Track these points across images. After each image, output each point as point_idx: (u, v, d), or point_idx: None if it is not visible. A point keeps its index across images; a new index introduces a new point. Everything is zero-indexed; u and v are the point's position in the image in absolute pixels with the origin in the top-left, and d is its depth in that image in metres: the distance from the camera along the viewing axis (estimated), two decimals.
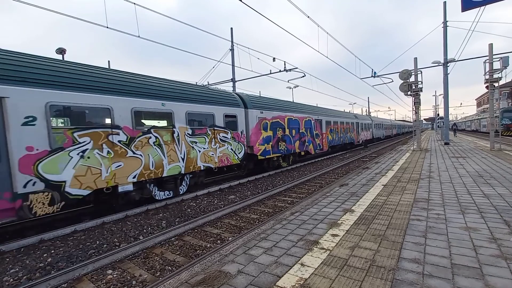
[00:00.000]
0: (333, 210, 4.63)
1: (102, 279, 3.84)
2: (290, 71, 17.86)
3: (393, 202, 4.91)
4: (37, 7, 7.82)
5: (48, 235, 5.31)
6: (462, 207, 4.39)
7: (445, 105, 17.52)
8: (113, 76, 6.65)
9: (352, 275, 2.51)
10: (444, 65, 16.38)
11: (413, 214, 4.16)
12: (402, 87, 15.11)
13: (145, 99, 7.16)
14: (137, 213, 6.78)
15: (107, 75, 6.52)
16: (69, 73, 5.80)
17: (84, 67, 6.27)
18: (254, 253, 3.14)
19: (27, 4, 7.60)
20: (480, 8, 11.91)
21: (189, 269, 2.88)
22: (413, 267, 2.59)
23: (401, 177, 7.26)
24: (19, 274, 4.03)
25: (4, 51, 5.18)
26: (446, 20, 15.96)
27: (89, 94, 5.98)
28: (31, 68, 5.26)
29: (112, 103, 6.36)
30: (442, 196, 5.14)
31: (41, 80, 5.31)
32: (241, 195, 8.56)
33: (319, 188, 8.98)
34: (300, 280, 2.49)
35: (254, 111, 11.25)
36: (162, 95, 7.62)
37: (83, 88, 5.91)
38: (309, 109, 16.68)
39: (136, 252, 4.62)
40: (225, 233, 5.39)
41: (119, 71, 7.16)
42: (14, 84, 4.94)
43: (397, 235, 3.37)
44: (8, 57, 5.09)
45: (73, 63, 6.19)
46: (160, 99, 7.54)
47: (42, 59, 5.67)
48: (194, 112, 8.51)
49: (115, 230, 5.73)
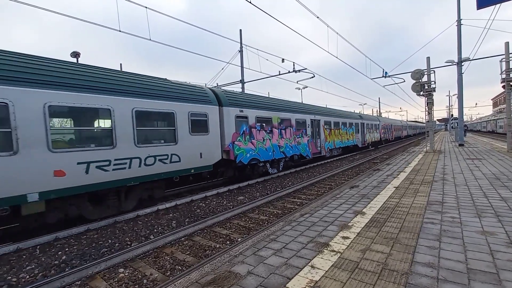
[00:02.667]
0: (343, 212, 4.57)
1: (114, 277, 3.91)
2: (299, 71, 17.79)
3: (405, 204, 4.80)
4: (57, 13, 8.08)
5: (63, 234, 5.46)
6: (478, 210, 4.25)
7: (459, 105, 17.05)
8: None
9: (363, 278, 2.47)
10: (458, 64, 15.96)
11: (426, 217, 4.06)
12: (414, 87, 14.80)
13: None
14: (147, 213, 6.88)
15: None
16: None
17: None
18: (264, 254, 3.13)
19: (44, 9, 7.87)
20: (495, 5, 11.56)
21: (199, 269, 2.89)
22: (427, 271, 2.52)
23: (413, 179, 7.10)
24: (35, 271, 4.15)
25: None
26: (460, 19, 15.55)
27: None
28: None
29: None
30: (457, 198, 5.00)
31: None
32: (250, 196, 8.56)
33: (329, 189, 8.88)
34: (310, 282, 2.46)
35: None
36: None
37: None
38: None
39: (147, 251, 4.69)
40: (234, 234, 5.40)
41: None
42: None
43: (410, 238, 3.30)
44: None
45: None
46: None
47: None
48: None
49: (126, 230, 5.83)
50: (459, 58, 15.87)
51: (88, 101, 5.90)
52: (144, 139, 6.90)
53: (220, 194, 8.80)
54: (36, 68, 5.32)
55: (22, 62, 5.20)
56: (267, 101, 12.06)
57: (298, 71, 17.76)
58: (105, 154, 6.11)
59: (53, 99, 5.37)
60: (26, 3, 7.44)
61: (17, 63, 5.10)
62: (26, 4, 7.43)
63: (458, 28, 15.59)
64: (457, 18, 15.60)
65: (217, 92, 9.69)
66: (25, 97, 5.00)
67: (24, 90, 5.01)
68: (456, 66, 16.10)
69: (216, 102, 9.16)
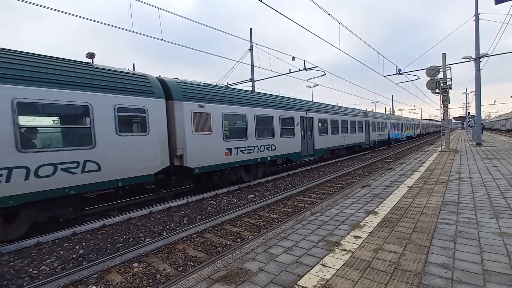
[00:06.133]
0: (355, 212, 4.53)
1: (129, 271, 4.03)
2: (310, 69, 17.65)
3: (419, 204, 4.71)
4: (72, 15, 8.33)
5: (80, 229, 5.65)
6: (495, 211, 4.12)
7: (476, 103, 16.49)
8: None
9: (375, 277, 2.46)
10: (476, 61, 15.41)
11: (441, 217, 3.97)
12: (429, 85, 14.42)
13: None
14: (160, 210, 7.02)
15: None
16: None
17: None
18: (275, 252, 3.15)
19: (58, 11, 8.13)
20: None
21: (211, 265, 2.95)
22: (441, 272, 2.48)
23: (428, 179, 6.94)
24: (54, 264, 4.33)
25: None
26: (478, 13, 15.01)
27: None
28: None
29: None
30: (473, 199, 4.86)
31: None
32: (260, 194, 8.60)
33: (340, 188, 8.80)
34: (321, 280, 2.47)
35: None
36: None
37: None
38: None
39: (160, 247, 4.80)
40: (245, 232, 5.45)
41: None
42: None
43: (424, 238, 3.24)
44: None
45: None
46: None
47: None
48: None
49: (140, 226, 5.98)
50: (476, 54, 15.34)
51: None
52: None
53: (231, 192, 8.87)
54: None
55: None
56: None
57: (309, 69, 17.63)
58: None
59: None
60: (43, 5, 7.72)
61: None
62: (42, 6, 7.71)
63: (476, 23, 15.06)
64: (475, 12, 15.07)
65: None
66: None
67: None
68: (474, 62, 15.56)
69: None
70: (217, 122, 8.53)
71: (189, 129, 7.72)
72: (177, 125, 7.52)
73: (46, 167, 5.14)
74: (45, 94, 5.20)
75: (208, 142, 8.23)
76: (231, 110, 9.07)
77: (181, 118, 7.57)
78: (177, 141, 7.53)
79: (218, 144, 8.56)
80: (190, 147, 7.69)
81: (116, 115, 6.21)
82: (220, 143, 8.62)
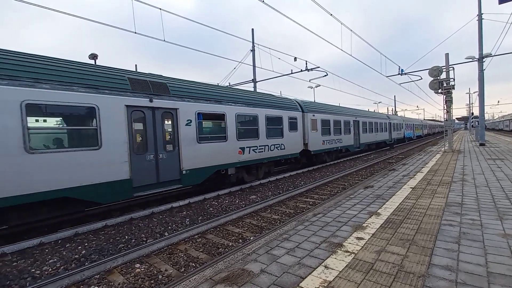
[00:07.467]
0: (357, 213, 4.51)
1: (131, 272, 4.03)
2: (311, 70, 17.61)
3: (422, 205, 4.68)
4: (75, 16, 8.38)
5: (82, 229, 5.67)
6: (500, 212, 4.08)
7: (480, 103, 16.37)
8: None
9: (378, 279, 2.44)
10: (479, 61, 15.31)
11: (444, 219, 3.94)
12: (432, 85, 14.35)
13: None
14: (162, 210, 7.03)
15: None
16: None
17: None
18: (277, 253, 3.14)
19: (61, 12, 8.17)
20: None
21: (213, 266, 2.94)
22: (445, 274, 2.46)
23: (431, 180, 6.90)
24: (57, 264, 4.34)
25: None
26: (481, 13, 14.92)
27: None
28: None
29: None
30: (477, 200, 4.82)
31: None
32: (262, 195, 8.58)
33: (342, 189, 8.77)
34: (324, 282, 2.45)
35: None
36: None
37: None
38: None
39: (162, 248, 4.80)
40: (247, 233, 5.44)
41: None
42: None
43: (427, 240, 3.22)
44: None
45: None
46: None
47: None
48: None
49: (142, 226, 5.99)
50: (480, 54, 15.24)
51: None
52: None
53: (233, 193, 8.86)
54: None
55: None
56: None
57: (311, 70, 17.59)
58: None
59: None
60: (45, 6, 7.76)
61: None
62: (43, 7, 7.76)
63: (479, 23, 14.97)
64: (478, 12, 14.98)
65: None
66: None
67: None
68: (477, 63, 15.46)
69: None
70: (319, 124, 13.96)
71: (308, 128, 12.92)
72: (304, 126, 12.77)
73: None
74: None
75: (316, 136, 13.69)
76: (328, 117, 14.86)
77: (306, 122, 12.84)
78: (304, 136, 12.78)
79: (319, 137, 14.00)
80: (310, 139, 13.03)
81: (288, 122, 11.53)
82: (320, 137, 14.06)
